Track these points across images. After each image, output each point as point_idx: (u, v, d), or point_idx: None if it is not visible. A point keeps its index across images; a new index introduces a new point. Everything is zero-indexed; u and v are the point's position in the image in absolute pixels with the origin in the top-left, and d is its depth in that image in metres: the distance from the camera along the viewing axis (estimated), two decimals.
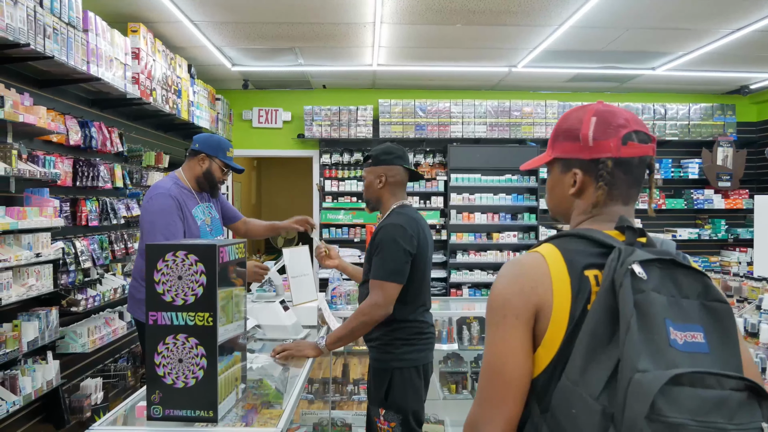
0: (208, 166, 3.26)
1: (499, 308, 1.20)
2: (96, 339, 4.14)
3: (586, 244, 1.20)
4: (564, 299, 1.15)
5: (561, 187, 1.33)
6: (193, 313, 1.94)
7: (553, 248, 1.20)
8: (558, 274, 1.16)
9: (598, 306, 1.08)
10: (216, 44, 5.81)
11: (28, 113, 3.33)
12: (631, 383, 0.98)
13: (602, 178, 1.24)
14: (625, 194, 1.27)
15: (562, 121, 1.32)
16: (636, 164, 1.25)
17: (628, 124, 1.24)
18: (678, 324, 1.04)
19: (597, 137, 1.24)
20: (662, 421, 0.95)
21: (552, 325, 1.15)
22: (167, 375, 1.95)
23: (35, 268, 3.47)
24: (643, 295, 1.04)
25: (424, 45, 5.87)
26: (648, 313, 1.03)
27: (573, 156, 1.28)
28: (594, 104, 1.29)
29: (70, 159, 4.17)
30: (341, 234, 7.60)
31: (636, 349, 1.00)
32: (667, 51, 6.03)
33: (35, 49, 3.26)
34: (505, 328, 1.18)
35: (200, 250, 1.94)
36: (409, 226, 2.65)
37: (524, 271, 1.20)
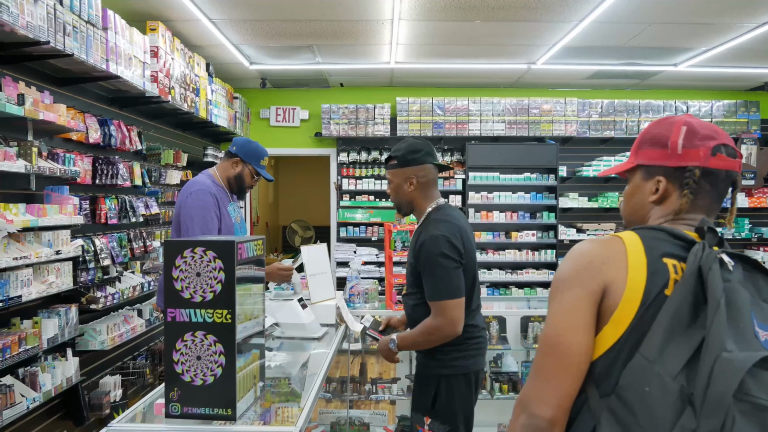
0: (240, 170, 3.34)
1: (565, 279, 1.18)
2: (115, 336, 4.15)
3: (667, 236, 1.18)
4: (639, 278, 1.12)
5: (641, 194, 1.31)
6: (211, 310, 1.93)
7: (633, 234, 1.20)
8: (635, 255, 1.15)
9: (683, 288, 1.07)
10: (234, 42, 5.82)
11: (48, 111, 3.34)
12: (719, 361, 0.96)
13: (688, 186, 1.23)
14: (707, 207, 1.25)
15: (650, 129, 1.31)
16: (722, 178, 1.24)
17: (718, 136, 1.24)
18: (760, 322, 1.04)
19: (686, 145, 1.23)
20: (750, 401, 0.94)
21: (623, 303, 1.12)
22: (186, 372, 1.94)
23: (55, 265, 3.48)
24: (731, 284, 1.04)
25: (442, 42, 5.82)
26: (735, 301, 1.03)
27: (658, 163, 1.27)
28: (683, 115, 1.29)
29: (90, 157, 4.19)
30: (359, 232, 7.58)
31: (724, 330, 0.98)
32: (690, 46, 5.93)
33: (55, 47, 3.27)
34: (570, 299, 1.16)
35: (219, 247, 1.93)
36: (451, 234, 2.46)
37: (596, 247, 1.20)
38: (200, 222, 3.12)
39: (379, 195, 7.64)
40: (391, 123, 7.56)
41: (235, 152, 3.32)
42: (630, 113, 7.44)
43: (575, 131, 7.42)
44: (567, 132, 7.43)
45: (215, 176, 3.37)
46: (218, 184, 3.34)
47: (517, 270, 7.41)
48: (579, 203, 7.44)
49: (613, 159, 7.38)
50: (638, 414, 1.03)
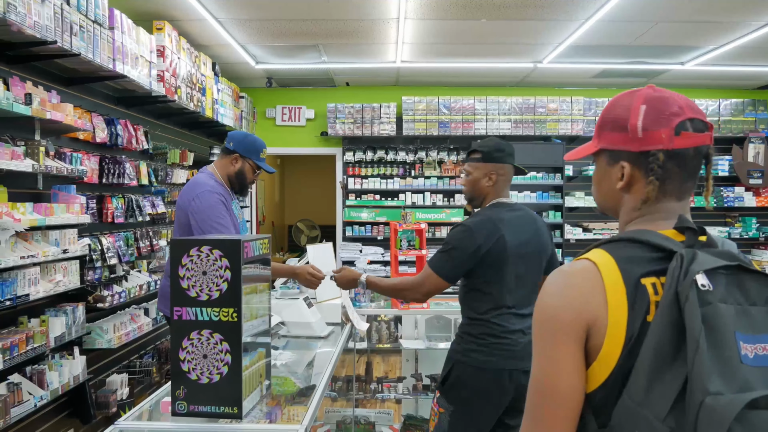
0: (241, 166, 3.21)
1: (546, 324, 1.11)
2: (122, 335, 4.17)
3: (642, 249, 1.09)
4: (620, 312, 1.05)
5: (608, 180, 1.22)
6: (217, 308, 1.93)
7: (606, 255, 1.09)
8: (612, 285, 1.06)
9: (660, 321, 0.99)
10: (240, 42, 5.83)
11: (56, 110, 3.35)
12: (703, 407, 0.90)
13: (653, 172, 1.13)
14: (678, 189, 1.16)
15: (609, 109, 1.21)
16: (691, 156, 1.13)
17: (682, 111, 1.13)
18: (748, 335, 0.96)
19: (647, 127, 1.13)
20: None
21: (608, 340, 1.05)
22: (192, 371, 1.95)
23: (62, 264, 3.50)
24: (710, 307, 0.96)
25: (448, 41, 5.82)
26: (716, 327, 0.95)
27: (620, 147, 1.17)
28: (644, 89, 1.17)
29: (97, 156, 4.21)
30: (364, 232, 7.58)
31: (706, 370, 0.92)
32: (697, 45, 5.90)
33: (62, 46, 3.28)
34: (555, 345, 1.08)
35: (225, 246, 1.93)
36: (477, 227, 2.57)
37: (574, 283, 1.10)
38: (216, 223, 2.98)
39: (384, 194, 7.64)
40: (397, 122, 7.56)
41: (233, 148, 3.18)
42: None
43: (581, 130, 7.40)
44: (573, 131, 7.41)
45: (216, 174, 3.23)
46: (220, 183, 3.21)
47: None
48: (585, 202, 7.42)
49: None
50: None
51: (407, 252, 4.04)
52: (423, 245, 4.06)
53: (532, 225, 2.70)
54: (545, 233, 2.75)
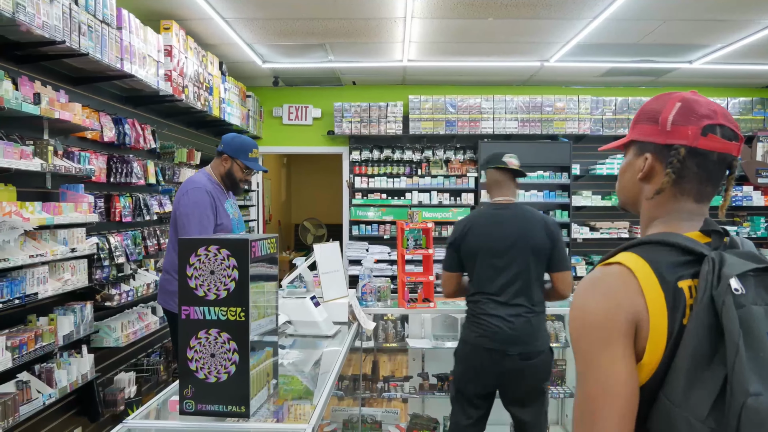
0: (230, 166, 3.43)
1: (599, 328, 1.07)
2: (129, 333, 4.18)
3: (672, 252, 1.10)
4: (660, 315, 1.05)
5: (631, 171, 1.25)
6: (225, 307, 1.94)
7: (638, 258, 1.10)
8: (650, 289, 1.06)
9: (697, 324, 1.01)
10: (247, 41, 5.84)
11: (64, 110, 3.37)
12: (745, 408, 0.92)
13: (671, 165, 1.16)
14: (696, 190, 1.18)
15: (648, 103, 1.24)
16: (714, 160, 1.15)
17: (715, 116, 1.15)
18: None
19: (676, 122, 1.16)
20: None
21: (650, 344, 1.05)
22: (199, 370, 1.95)
23: (70, 263, 3.51)
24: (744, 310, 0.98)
25: (455, 40, 5.81)
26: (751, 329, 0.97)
27: (649, 139, 1.20)
28: (684, 92, 1.20)
29: (104, 155, 4.22)
30: (371, 231, 7.58)
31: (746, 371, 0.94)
32: (706, 43, 5.87)
33: (70, 46, 3.30)
34: (615, 348, 1.06)
35: (232, 245, 1.94)
36: (456, 224, 3.20)
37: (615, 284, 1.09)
38: (196, 220, 3.21)
39: (391, 193, 7.64)
40: (404, 121, 7.56)
41: (222, 150, 3.41)
42: None
43: (588, 129, 7.38)
44: (580, 130, 7.38)
45: (211, 174, 3.46)
46: (214, 182, 3.43)
47: None
48: (592, 201, 7.40)
49: None
50: None
51: (414, 251, 4.03)
52: (430, 244, 4.05)
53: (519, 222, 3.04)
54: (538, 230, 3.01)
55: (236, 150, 3.41)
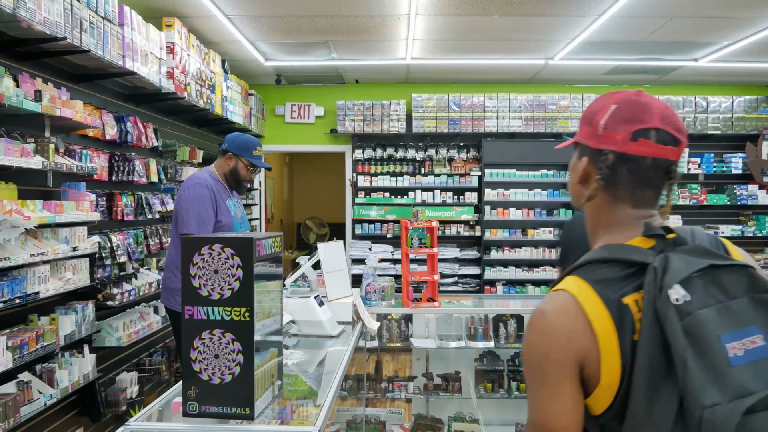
0: (234, 164, 3.43)
1: (537, 366, 1.08)
2: (131, 333, 4.15)
3: (615, 267, 1.07)
4: (609, 336, 1.03)
5: (574, 173, 1.23)
6: (229, 307, 1.91)
7: (581, 282, 1.07)
8: (595, 313, 1.04)
9: (647, 340, 0.99)
10: (250, 39, 5.80)
11: (65, 107, 3.34)
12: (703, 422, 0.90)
13: (600, 171, 1.14)
14: (632, 196, 1.14)
15: (591, 103, 1.21)
16: (647, 165, 1.12)
17: (651, 120, 1.11)
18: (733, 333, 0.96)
19: (607, 126, 1.13)
20: None
21: (605, 366, 1.03)
22: (203, 371, 1.92)
23: (72, 262, 3.48)
24: (691, 318, 0.96)
25: (459, 37, 5.77)
26: (700, 336, 0.94)
27: (585, 142, 1.18)
28: (627, 91, 1.16)
29: (106, 154, 4.19)
30: (373, 230, 7.54)
31: (698, 383, 0.92)
32: (712, 41, 5.83)
33: (72, 43, 3.26)
34: (551, 385, 1.06)
35: (237, 244, 1.90)
36: None
37: (555, 320, 1.07)
38: (195, 214, 3.22)
39: (394, 192, 7.60)
40: (407, 119, 7.52)
41: (226, 148, 3.41)
42: None
43: None
44: None
45: (215, 172, 3.46)
46: (217, 179, 3.45)
47: (534, 267, 7.34)
48: None
49: None
50: None
51: (418, 250, 3.99)
52: (434, 243, 4.02)
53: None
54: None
55: (240, 147, 3.41)
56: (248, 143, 3.42)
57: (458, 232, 7.50)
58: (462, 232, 7.50)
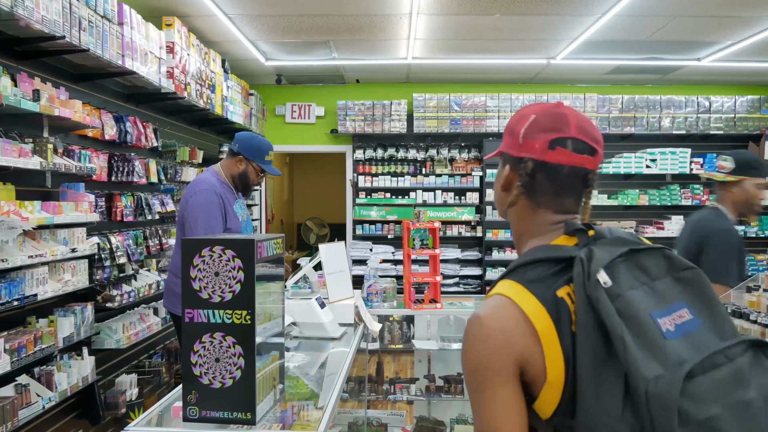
0: (245, 168, 3.29)
1: (477, 372, 1.08)
2: (131, 335, 4.11)
3: (544, 266, 1.11)
4: (550, 333, 1.05)
5: (498, 181, 1.29)
6: (230, 310, 1.88)
7: (514, 284, 1.11)
8: (533, 311, 1.06)
9: (583, 327, 1.01)
10: (250, 38, 5.76)
11: (64, 107, 3.30)
12: (649, 396, 0.94)
13: (521, 178, 1.21)
14: (553, 203, 1.20)
15: (513, 115, 1.27)
16: (565, 173, 1.17)
17: (568, 130, 1.16)
18: (662, 311, 1.01)
19: (526, 136, 1.19)
20: (694, 422, 0.92)
21: (549, 363, 1.04)
22: (204, 375, 1.89)
23: (71, 263, 3.44)
24: (621, 299, 1.00)
25: (460, 37, 5.73)
26: (633, 315, 0.99)
27: (507, 151, 1.25)
28: (547, 103, 1.23)
29: (106, 154, 4.16)
30: (374, 230, 7.50)
31: (639, 359, 0.96)
32: (715, 40, 5.79)
33: (71, 42, 3.22)
34: (491, 390, 1.07)
35: (238, 246, 1.87)
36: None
37: (492, 324, 1.08)
38: (204, 223, 3.09)
39: (395, 192, 7.56)
40: (408, 119, 7.48)
41: (238, 150, 3.24)
42: (651, 109, 7.30)
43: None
44: None
45: (220, 173, 3.32)
46: (223, 182, 3.29)
47: None
48: (598, 201, 7.31)
49: (633, 156, 7.25)
50: None
51: (420, 251, 3.96)
52: (436, 244, 3.98)
53: None
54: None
55: (253, 152, 3.25)
56: (261, 147, 3.28)
57: (459, 232, 7.46)
58: (463, 232, 7.46)
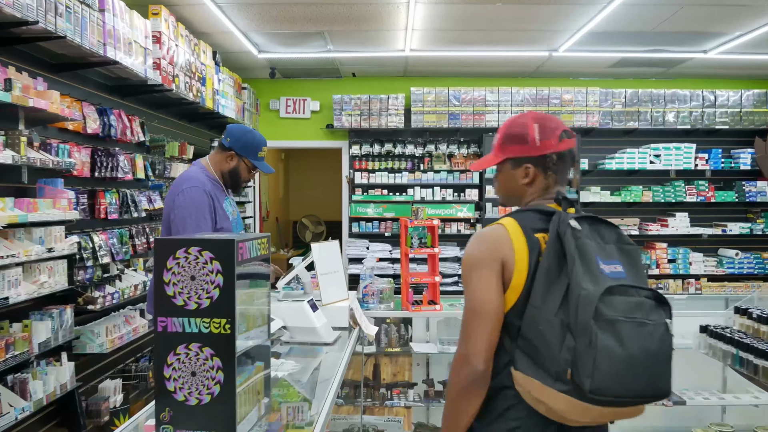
0: (236, 165, 3.03)
1: (474, 263, 1.59)
2: (115, 338, 3.92)
3: (536, 214, 1.61)
4: (523, 253, 1.55)
5: (514, 179, 1.72)
6: (207, 318, 1.70)
7: (511, 220, 1.61)
8: (516, 236, 1.57)
9: (549, 251, 1.50)
10: (241, 29, 5.56)
11: (40, 98, 3.10)
12: (580, 298, 1.38)
13: (551, 168, 1.68)
14: (563, 178, 1.71)
15: (509, 129, 1.71)
16: (568, 156, 1.68)
17: (559, 126, 1.67)
18: (605, 260, 1.46)
19: (542, 138, 1.65)
20: (603, 319, 1.36)
21: (516, 273, 1.54)
22: (178, 390, 1.71)
23: (47, 264, 3.25)
24: (580, 240, 1.46)
25: (460, 27, 5.53)
26: (585, 252, 1.45)
27: (525, 155, 1.67)
28: (530, 113, 1.70)
29: (88, 148, 3.96)
30: (371, 228, 7.31)
31: (580, 276, 1.41)
32: (723, 31, 5.60)
33: (46, 27, 3.02)
34: (481, 275, 1.57)
35: (216, 246, 1.69)
36: None
37: (488, 237, 1.61)
38: (193, 224, 2.82)
39: (392, 189, 7.37)
40: (405, 114, 7.28)
41: (229, 145, 2.99)
42: (655, 103, 7.11)
43: (597, 122, 7.11)
44: (588, 123, 7.11)
45: (209, 169, 3.04)
46: (212, 178, 3.01)
47: None
48: (601, 197, 7.12)
49: (637, 151, 7.06)
50: (538, 345, 1.46)
51: (418, 250, 3.78)
52: (435, 243, 3.80)
53: None
54: None
55: (246, 148, 3.00)
56: (255, 143, 3.02)
57: (458, 230, 7.28)
58: (462, 230, 7.27)
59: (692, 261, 7.12)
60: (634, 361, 1.36)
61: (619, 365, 1.35)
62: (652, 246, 7.20)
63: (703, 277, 7.12)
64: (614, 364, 1.35)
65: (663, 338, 1.41)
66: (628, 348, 1.35)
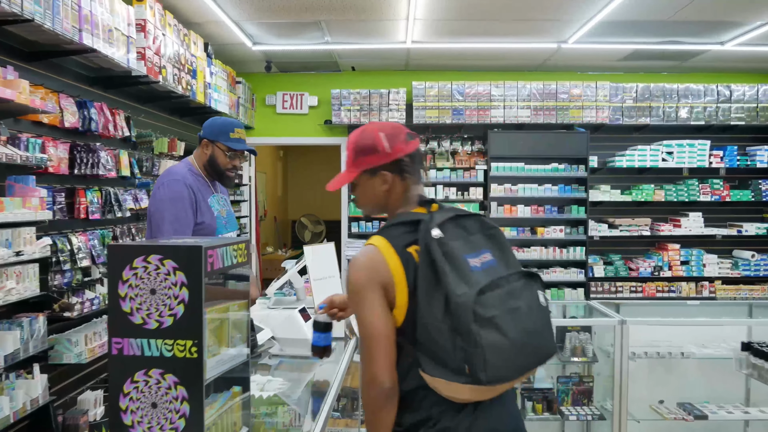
0: (211, 152, 2.87)
1: (356, 290, 1.63)
2: (95, 347, 3.65)
3: (403, 227, 1.67)
4: (399, 273, 1.62)
5: (373, 189, 1.77)
6: (170, 340, 1.47)
7: (382, 239, 1.66)
8: (390, 256, 1.63)
9: (422, 263, 1.58)
10: (234, 18, 5.28)
11: (5, 87, 2.82)
12: (457, 306, 1.50)
13: (406, 170, 1.74)
14: (417, 176, 1.77)
15: (357, 143, 1.75)
16: (417, 154, 1.77)
17: (401, 130, 1.75)
18: (473, 254, 1.59)
19: (392, 145, 1.71)
20: (482, 319, 1.48)
21: (398, 294, 1.62)
22: (136, 425, 1.48)
23: (15, 268, 2.97)
24: (447, 246, 1.57)
25: (464, 16, 5.25)
26: (453, 256, 1.56)
27: (379, 164, 1.72)
28: (370, 124, 1.77)
29: (66, 143, 3.69)
30: (371, 228, 7.04)
31: (453, 282, 1.52)
32: (743, 20, 5.31)
33: (10, 9, 2.73)
34: (365, 301, 1.62)
35: (180, 254, 1.44)
36: None
37: (365, 263, 1.64)
38: (171, 217, 2.66)
39: None
40: (407, 109, 7.01)
41: (203, 136, 2.88)
42: (667, 98, 6.82)
43: (607, 118, 6.82)
44: (598, 119, 6.82)
45: (194, 165, 2.90)
46: (196, 173, 2.86)
47: (543, 269, 6.83)
48: (611, 196, 6.84)
49: (648, 148, 6.78)
50: (435, 349, 1.54)
51: None
52: None
53: None
54: None
55: (215, 131, 2.84)
56: (224, 125, 2.86)
57: None
58: None
59: (706, 263, 6.84)
60: (519, 345, 1.51)
61: (507, 353, 1.49)
62: (664, 247, 6.92)
63: (717, 279, 6.83)
64: (502, 354, 1.48)
65: (538, 311, 1.58)
66: (511, 337, 1.49)
